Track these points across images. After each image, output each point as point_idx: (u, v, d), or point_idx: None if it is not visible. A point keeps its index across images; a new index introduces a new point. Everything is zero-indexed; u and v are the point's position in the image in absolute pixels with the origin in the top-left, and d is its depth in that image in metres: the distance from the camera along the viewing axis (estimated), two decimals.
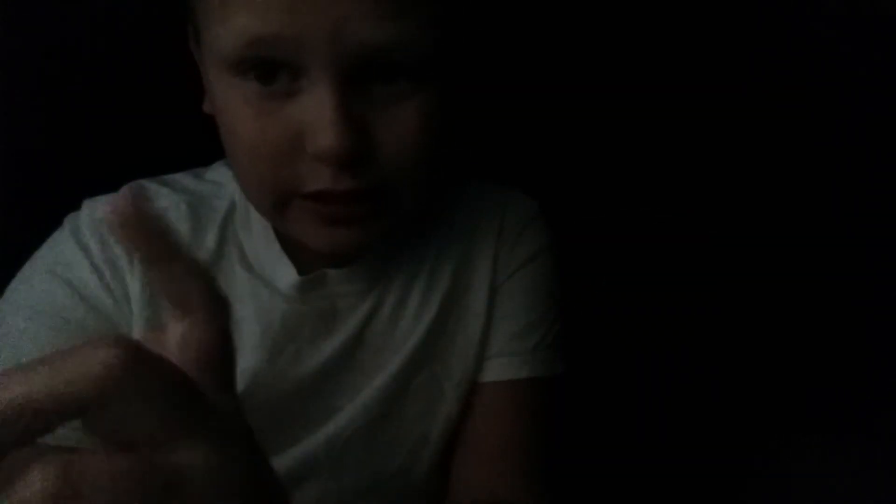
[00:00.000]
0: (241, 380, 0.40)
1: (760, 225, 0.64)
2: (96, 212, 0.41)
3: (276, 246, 0.42)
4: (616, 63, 0.60)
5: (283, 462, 0.42)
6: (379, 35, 0.32)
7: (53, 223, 0.42)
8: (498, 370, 0.45)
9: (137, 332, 0.39)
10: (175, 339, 0.23)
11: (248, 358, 0.41)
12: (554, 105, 0.60)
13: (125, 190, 0.23)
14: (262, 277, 0.42)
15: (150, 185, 0.43)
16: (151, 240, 0.23)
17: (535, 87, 0.60)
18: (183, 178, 0.45)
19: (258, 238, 0.43)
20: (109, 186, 0.43)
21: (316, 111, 0.33)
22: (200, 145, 0.46)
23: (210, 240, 0.42)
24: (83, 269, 0.39)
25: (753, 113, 0.61)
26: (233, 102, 0.35)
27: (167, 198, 0.43)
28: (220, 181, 0.45)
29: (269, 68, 0.33)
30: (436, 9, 0.34)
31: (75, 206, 0.42)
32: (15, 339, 0.37)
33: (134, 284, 0.39)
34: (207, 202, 0.44)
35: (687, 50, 0.60)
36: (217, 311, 0.24)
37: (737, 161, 0.62)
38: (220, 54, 0.34)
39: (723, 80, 0.60)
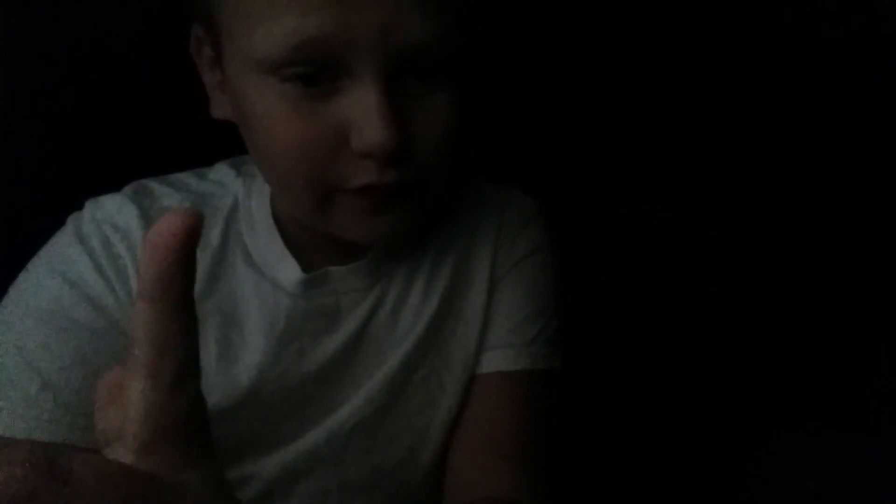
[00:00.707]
0: (246, 376, 0.41)
1: (760, 225, 0.64)
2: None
3: (280, 244, 0.43)
4: (616, 63, 0.60)
5: (285, 456, 0.42)
6: (422, 32, 0.33)
7: (56, 223, 0.42)
8: (495, 361, 0.46)
9: None
10: (134, 398, 0.21)
11: (252, 355, 0.41)
12: (554, 105, 0.61)
13: (189, 211, 0.21)
14: (266, 275, 0.42)
15: (153, 185, 0.44)
16: (177, 276, 0.21)
17: (536, 87, 0.60)
18: (186, 178, 0.45)
19: (262, 236, 0.43)
20: (112, 186, 0.43)
21: (362, 108, 0.33)
22: (202, 145, 0.46)
23: (214, 238, 0.42)
24: (86, 268, 0.39)
25: (753, 113, 0.61)
26: (271, 105, 0.35)
27: (170, 197, 0.43)
28: (223, 181, 0.45)
29: (314, 68, 0.33)
30: (466, 6, 0.35)
31: (78, 205, 0.42)
32: (19, 339, 0.37)
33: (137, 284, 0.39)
34: (210, 201, 0.44)
35: (687, 50, 0.60)
36: (188, 380, 0.22)
37: (737, 161, 0.63)
38: (258, 57, 0.33)
39: (723, 80, 0.60)
